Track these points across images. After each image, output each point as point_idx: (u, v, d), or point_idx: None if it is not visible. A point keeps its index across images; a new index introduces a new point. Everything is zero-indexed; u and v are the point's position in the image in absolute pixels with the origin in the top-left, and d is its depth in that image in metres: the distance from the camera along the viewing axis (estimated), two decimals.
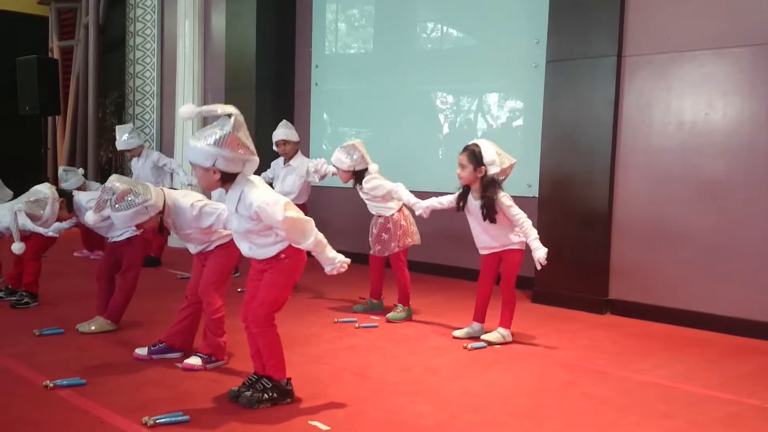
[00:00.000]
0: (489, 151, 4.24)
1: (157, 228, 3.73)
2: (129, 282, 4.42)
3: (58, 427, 2.86)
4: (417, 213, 4.59)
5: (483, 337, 4.37)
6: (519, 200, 6.07)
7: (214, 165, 2.97)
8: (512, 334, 4.43)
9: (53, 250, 5.88)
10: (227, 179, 3.04)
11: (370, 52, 7.81)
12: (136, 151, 7.25)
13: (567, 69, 5.53)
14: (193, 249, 3.79)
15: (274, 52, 8.16)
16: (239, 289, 5.13)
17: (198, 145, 2.96)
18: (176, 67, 8.58)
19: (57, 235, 4.85)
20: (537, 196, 5.80)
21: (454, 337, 4.43)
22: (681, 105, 5.06)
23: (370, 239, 5.15)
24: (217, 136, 2.95)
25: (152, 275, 6.62)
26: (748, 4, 4.76)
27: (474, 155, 4.24)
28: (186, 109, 3.05)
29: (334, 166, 5.08)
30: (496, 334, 4.36)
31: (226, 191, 3.10)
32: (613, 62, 5.30)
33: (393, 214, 4.98)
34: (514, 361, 4.03)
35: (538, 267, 4.19)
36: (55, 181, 11.85)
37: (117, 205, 3.52)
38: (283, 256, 3.10)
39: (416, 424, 2.99)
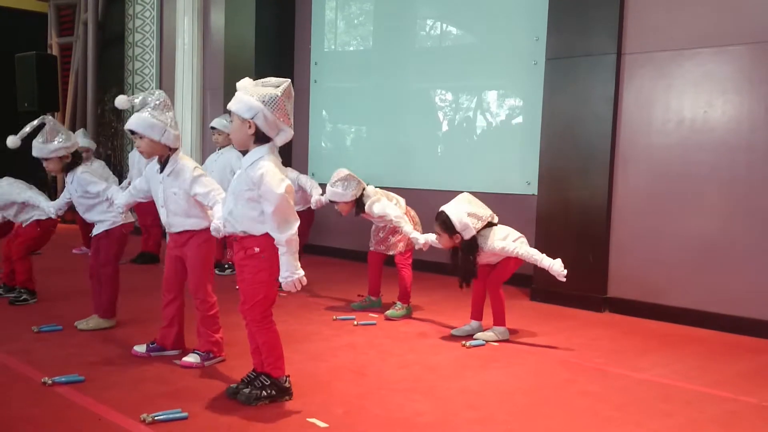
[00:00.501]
0: (459, 218, 4.18)
1: (164, 160, 3.69)
2: (109, 276, 4.38)
3: (56, 423, 2.86)
4: (416, 247, 4.68)
5: (478, 335, 4.38)
6: (518, 198, 6.14)
7: (252, 118, 2.95)
8: (509, 332, 4.43)
9: (52, 247, 5.88)
10: (259, 140, 3.01)
11: (369, 49, 7.80)
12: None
13: (566, 66, 5.53)
14: (172, 225, 3.72)
15: (273, 49, 8.16)
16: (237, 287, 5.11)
17: (244, 97, 2.96)
18: (175, 64, 8.58)
19: (54, 215, 4.79)
20: (536, 193, 5.80)
21: (453, 336, 4.44)
22: (680, 103, 5.06)
23: (373, 236, 5.13)
24: (268, 95, 2.94)
25: (150, 271, 6.63)
26: (748, 2, 4.75)
27: (446, 225, 4.22)
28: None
29: (332, 201, 5.01)
30: (490, 333, 4.38)
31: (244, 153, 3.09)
32: (612, 60, 5.29)
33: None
34: (513, 358, 4.03)
35: (563, 279, 4.15)
36: (53, 181, 11.85)
37: (156, 109, 3.58)
38: (257, 250, 3.06)
39: (414, 422, 2.99)
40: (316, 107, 8.07)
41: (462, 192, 4.46)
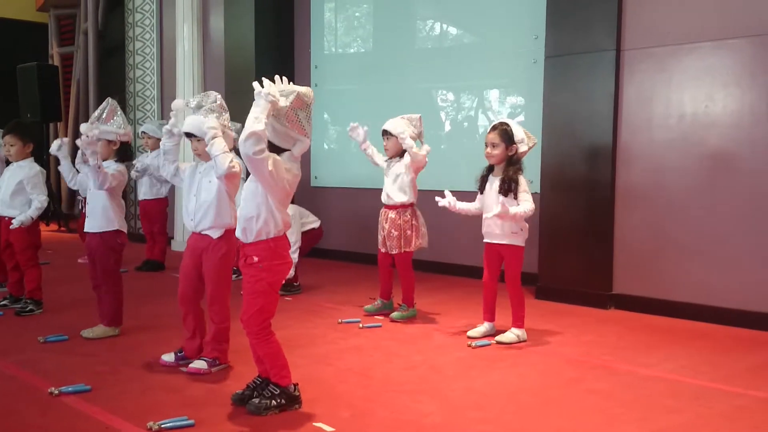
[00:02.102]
0: (518, 130, 4.27)
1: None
2: (111, 285, 4.36)
3: None
4: (440, 203, 4.43)
5: (497, 338, 4.32)
6: None
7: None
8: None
9: (57, 256, 5.89)
10: (274, 150, 2.95)
11: (370, 51, 7.81)
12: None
13: (566, 64, 5.53)
14: (196, 220, 3.67)
15: (273, 54, 8.17)
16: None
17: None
18: (176, 71, 8.58)
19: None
20: (539, 191, 5.79)
21: (469, 338, 4.39)
22: (681, 97, 5.05)
23: (380, 235, 5.04)
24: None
25: (155, 279, 6.65)
26: None
27: (506, 134, 4.25)
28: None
29: (390, 134, 4.91)
30: (511, 335, 4.32)
31: None
32: (612, 56, 5.29)
33: (405, 210, 4.91)
34: (519, 358, 4.02)
35: (499, 211, 4.11)
36: (58, 191, 11.88)
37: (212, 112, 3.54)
38: (256, 259, 3.03)
39: (421, 423, 2.98)
40: (318, 110, 8.06)
41: (467, 191, 4.44)
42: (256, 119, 2.82)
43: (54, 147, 4.65)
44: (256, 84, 2.87)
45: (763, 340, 4.45)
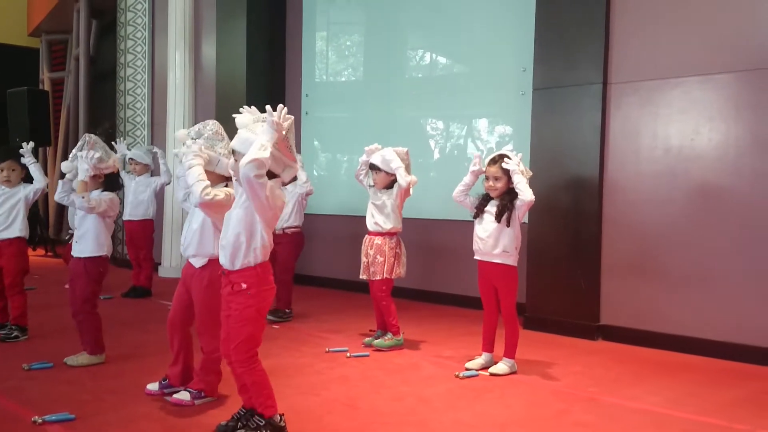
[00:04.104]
0: (516, 158, 4.25)
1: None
2: (88, 314, 4.32)
3: None
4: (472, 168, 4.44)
5: (490, 370, 4.31)
6: None
7: None
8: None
9: (44, 281, 5.85)
10: (267, 176, 2.94)
11: (360, 79, 7.87)
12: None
13: (553, 96, 5.59)
14: (186, 245, 3.66)
15: (264, 82, 8.22)
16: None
17: (250, 136, 2.92)
18: (167, 98, 8.62)
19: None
20: (527, 221, 5.81)
21: (467, 369, 4.36)
22: (667, 131, 5.11)
23: (362, 262, 5.01)
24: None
25: (142, 306, 6.60)
26: (731, 31, 4.83)
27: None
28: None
29: (380, 168, 4.93)
30: (503, 367, 4.32)
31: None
32: (599, 89, 5.35)
33: (392, 238, 4.92)
34: (506, 389, 4.01)
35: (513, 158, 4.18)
36: (45, 216, 11.83)
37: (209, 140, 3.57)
38: (244, 286, 3.02)
39: None
40: (308, 138, 8.11)
41: (457, 220, 4.45)
42: (263, 147, 2.82)
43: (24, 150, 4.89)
44: (268, 108, 2.87)
45: (749, 373, 4.46)
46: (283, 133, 2.94)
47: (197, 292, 3.64)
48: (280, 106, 2.91)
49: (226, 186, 3.56)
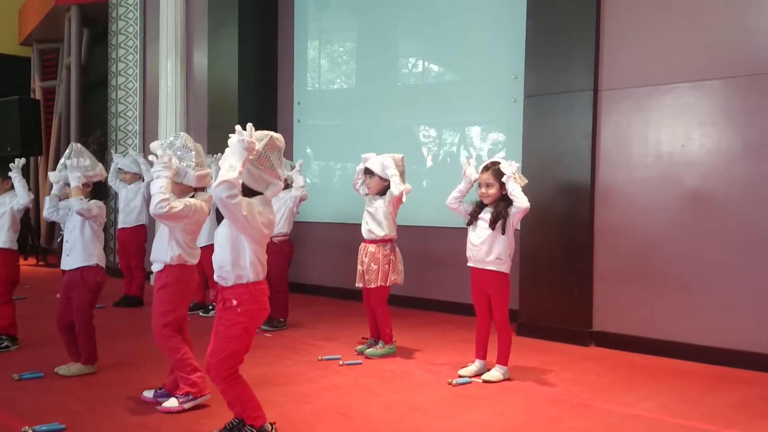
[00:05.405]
0: (511, 167, 4.26)
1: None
2: (83, 324, 4.30)
3: None
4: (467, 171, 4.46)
5: (484, 377, 4.30)
6: None
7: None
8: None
9: (34, 291, 5.83)
10: (247, 193, 2.97)
11: (353, 87, 7.88)
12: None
13: (545, 103, 5.60)
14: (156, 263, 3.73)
15: (256, 90, 8.22)
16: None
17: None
18: (159, 106, 8.60)
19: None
20: (518, 228, 5.81)
21: (460, 376, 4.35)
22: (658, 137, 5.13)
23: (358, 270, 4.99)
24: None
25: (133, 315, 6.57)
26: (722, 38, 4.85)
27: (499, 173, 4.25)
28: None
29: (373, 172, 4.94)
30: (497, 374, 4.31)
31: None
32: (589, 96, 5.37)
33: (386, 245, 4.91)
34: (499, 396, 4.01)
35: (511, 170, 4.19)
36: (37, 225, 11.78)
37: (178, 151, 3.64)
38: (234, 303, 3.01)
39: None
40: (300, 145, 8.10)
41: (450, 227, 4.45)
42: (231, 167, 2.82)
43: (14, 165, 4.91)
44: (238, 128, 2.87)
45: (741, 378, 4.47)
46: (260, 150, 2.93)
47: (155, 292, 3.73)
48: (249, 125, 2.91)
49: (193, 197, 3.65)
